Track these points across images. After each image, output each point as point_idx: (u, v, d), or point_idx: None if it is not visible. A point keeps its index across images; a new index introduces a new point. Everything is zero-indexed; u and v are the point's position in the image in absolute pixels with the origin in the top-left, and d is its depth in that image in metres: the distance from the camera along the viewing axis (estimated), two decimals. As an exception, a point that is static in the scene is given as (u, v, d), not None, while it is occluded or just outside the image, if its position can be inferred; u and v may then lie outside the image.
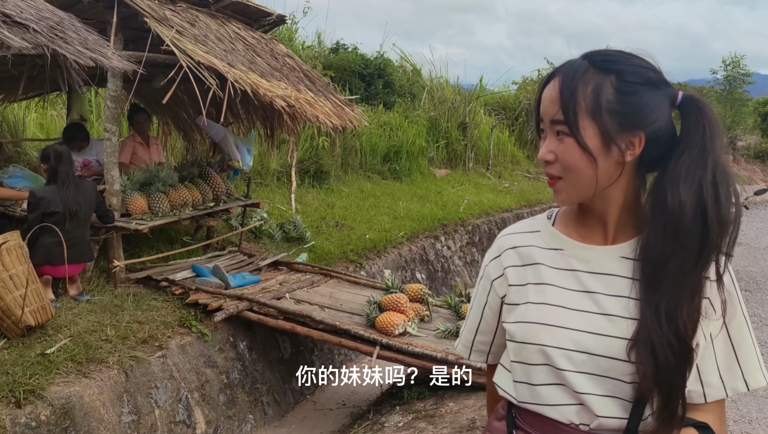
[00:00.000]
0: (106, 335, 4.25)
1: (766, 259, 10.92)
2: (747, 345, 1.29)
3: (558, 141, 1.25)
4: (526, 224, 1.46)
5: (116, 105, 4.86)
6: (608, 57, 1.25)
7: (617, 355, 1.24)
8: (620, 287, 1.28)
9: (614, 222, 1.32)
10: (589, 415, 1.28)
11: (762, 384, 1.29)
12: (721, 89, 23.13)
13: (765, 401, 5.05)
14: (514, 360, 1.37)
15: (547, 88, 1.27)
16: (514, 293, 1.38)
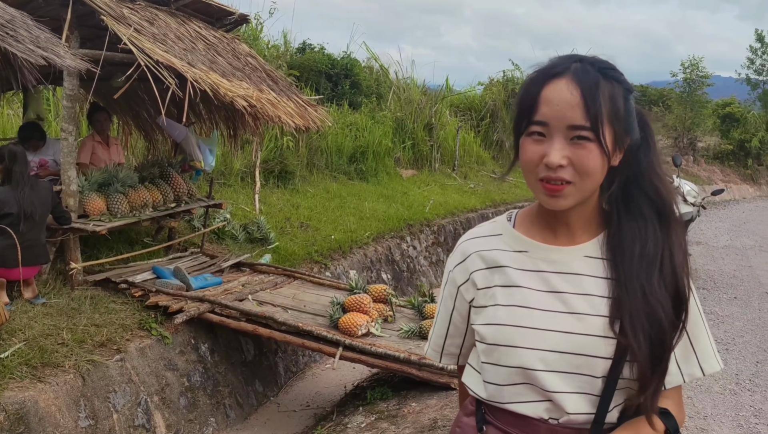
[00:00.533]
0: (63, 338, 4.16)
1: (724, 258, 11.15)
2: (701, 334, 1.37)
3: (575, 146, 1.25)
4: (487, 228, 1.48)
5: (73, 104, 4.77)
6: (607, 65, 1.30)
7: (587, 352, 1.29)
8: (586, 286, 1.33)
9: (578, 223, 1.37)
10: (558, 410, 1.32)
11: (716, 369, 1.39)
12: (681, 91, 23.57)
13: (720, 397, 5.15)
14: (485, 361, 1.39)
15: (557, 91, 1.25)
16: (481, 296, 1.41)
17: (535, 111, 1.27)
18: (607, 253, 1.34)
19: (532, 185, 1.31)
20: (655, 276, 1.28)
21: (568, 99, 1.24)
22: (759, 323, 7.36)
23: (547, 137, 1.26)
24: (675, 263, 1.30)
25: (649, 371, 1.27)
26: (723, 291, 8.75)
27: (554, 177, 1.26)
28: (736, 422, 4.73)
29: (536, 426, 1.34)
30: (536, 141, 1.27)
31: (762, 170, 24.35)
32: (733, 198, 21.16)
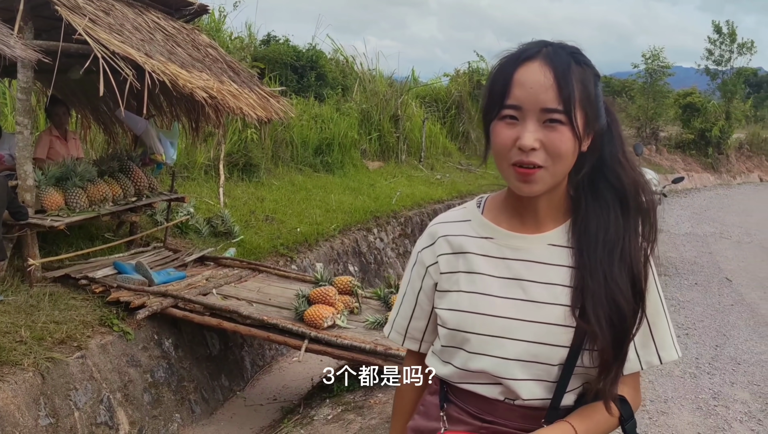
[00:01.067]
0: (21, 336, 4.08)
1: (685, 245, 11.37)
2: (662, 323, 1.39)
3: (547, 129, 1.24)
4: (457, 214, 1.48)
5: (27, 97, 4.65)
6: (575, 50, 1.30)
7: (546, 340, 1.31)
8: (549, 275, 1.34)
9: (546, 210, 1.37)
10: (513, 394, 1.35)
11: (674, 358, 1.41)
12: (643, 82, 23.91)
13: (680, 381, 5.25)
14: (446, 345, 1.40)
15: (529, 74, 1.25)
16: (445, 280, 1.42)
17: (507, 94, 1.26)
18: (572, 241, 1.35)
19: (505, 170, 1.30)
20: (615, 262, 1.30)
21: (542, 81, 1.23)
22: (718, 308, 7.53)
23: (519, 120, 1.25)
24: (633, 249, 1.31)
25: (611, 356, 1.29)
26: (684, 277, 8.92)
27: (527, 161, 1.25)
28: (696, 404, 4.84)
29: (494, 405, 1.36)
30: (509, 125, 1.27)
31: (722, 159, 24.87)
32: (694, 186, 21.58)
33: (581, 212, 1.35)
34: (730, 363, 5.78)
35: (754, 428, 4.57)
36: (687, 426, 4.48)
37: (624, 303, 1.28)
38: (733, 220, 14.80)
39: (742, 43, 24.53)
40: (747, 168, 26.46)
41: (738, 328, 6.81)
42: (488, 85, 1.33)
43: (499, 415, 1.37)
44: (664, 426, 4.42)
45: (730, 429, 4.50)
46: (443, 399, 1.45)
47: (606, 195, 1.34)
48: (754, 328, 6.88)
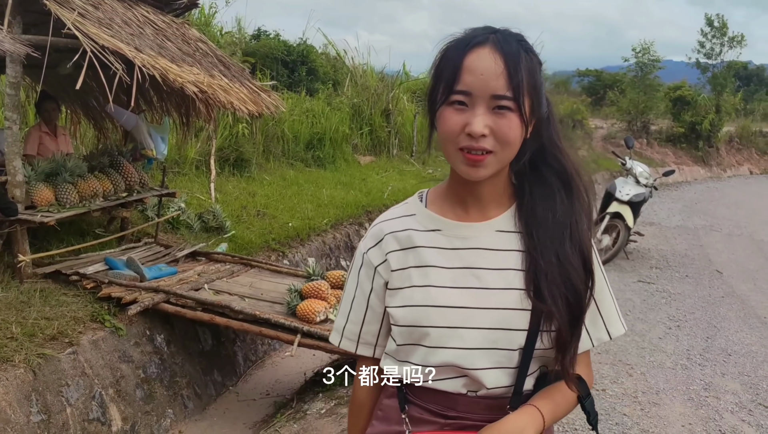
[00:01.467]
0: (12, 332, 4.05)
1: (676, 238, 11.42)
2: (607, 299, 1.43)
3: (496, 115, 1.25)
4: (400, 210, 1.48)
5: (16, 92, 4.62)
6: (523, 38, 1.32)
7: (504, 325, 1.32)
8: (500, 260, 1.35)
9: (490, 196, 1.39)
10: (477, 384, 1.34)
11: (621, 332, 1.46)
12: (634, 75, 23.95)
13: (672, 372, 5.28)
14: (402, 343, 1.39)
15: (480, 60, 1.25)
16: (396, 277, 1.40)
17: (457, 80, 1.26)
18: (519, 225, 1.37)
19: (452, 155, 1.30)
20: (566, 241, 1.33)
21: (492, 68, 1.24)
22: (709, 300, 7.57)
23: (469, 106, 1.26)
24: (581, 229, 1.35)
25: (569, 335, 1.31)
26: (675, 270, 8.96)
27: (476, 147, 1.26)
28: (687, 396, 4.86)
29: (456, 400, 1.36)
30: (458, 110, 1.27)
31: (712, 152, 24.97)
32: (685, 180, 21.67)
33: (526, 196, 1.38)
34: (721, 354, 5.81)
35: (745, 418, 4.60)
36: (678, 416, 4.50)
37: (578, 281, 1.31)
38: (723, 213, 14.88)
39: (732, 36, 24.60)
40: (737, 161, 26.59)
41: (729, 320, 6.86)
42: (435, 70, 1.33)
43: (462, 409, 1.36)
44: (656, 417, 4.45)
45: (721, 419, 4.53)
46: (403, 401, 1.43)
47: (550, 179, 1.37)
48: (744, 320, 6.92)
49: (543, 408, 1.33)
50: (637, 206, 8.87)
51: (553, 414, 1.34)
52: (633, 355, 5.55)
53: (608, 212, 8.71)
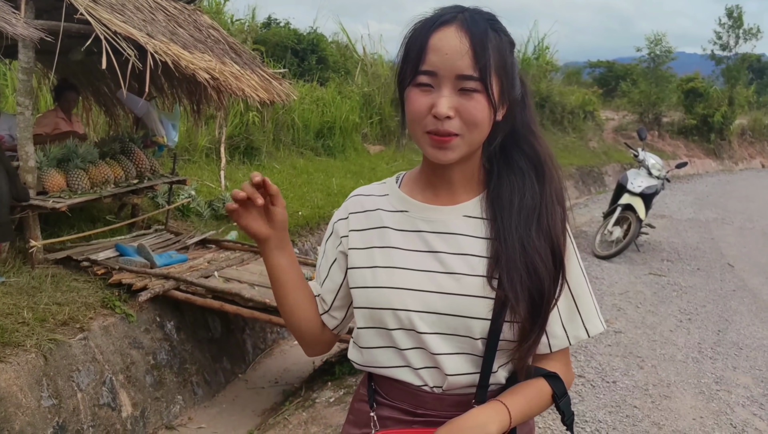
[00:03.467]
0: (23, 318, 4.07)
1: (687, 231, 11.35)
2: (585, 296, 1.38)
3: (463, 97, 1.22)
4: (375, 188, 1.47)
5: (28, 77, 4.61)
6: (493, 17, 1.27)
7: (464, 312, 1.28)
8: (465, 246, 1.32)
9: (460, 181, 1.35)
10: (440, 377, 1.32)
11: (600, 330, 1.40)
12: (646, 66, 23.75)
13: (683, 365, 5.25)
14: (363, 327, 1.37)
15: (445, 39, 1.21)
16: (356, 256, 1.39)
17: (422, 60, 1.23)
18: (486, 211, 1.34)
19: (419, 138, 1.28)
20: (533, 227, 1.29)
21: (458, 47, 1.20)
22: (720, 293, 7.52)
23: (435, 87, 1.23)
24: (551, 216, 1.31)
25: (528, 323, 1.27)
26: (686, 263, 8.91)
27: (442, 129, 1.22)
28: (698, 389, 4.84)
29: (423, 397, 1.34)
30: (424, 91, 1.24)
31: (724, 145, 24.78)
32: (696, 172, 21.53)
33: (494, 180, 1.34)
34: (733, 347, 5.78)
35: (756, 412, 4.57)
36: (689, 410, 4.48)
37: (543, 269, 1.27)
38: (735, 206, 14.77)
39: (748, 29, 24.31)
40: (749, 154, 26.40)
41: (740, 313, 6.81)
42: (402, 50, 1.30)
43: (430, 406, 1.34)
44: (667, 410, 4.42)
45: (732, 413, 4.50)
46: (372, 398, 1.42)
47: (520, 163, 1.34)
48: (756, 313, 6.87)
49: (510, 404, 1.27)
50: (649, 198, 8.80)
51: (522, 411, 1.29)
52: (644, 348, 5.52)
53: (620, 204, 8.65)
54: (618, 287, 7.29)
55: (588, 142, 19.76)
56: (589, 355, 5.21)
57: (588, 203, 13.97)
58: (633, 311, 6.49)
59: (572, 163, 16.47)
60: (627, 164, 16.91)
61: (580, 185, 16.14)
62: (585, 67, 30.44)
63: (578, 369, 4.93)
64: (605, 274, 7.77)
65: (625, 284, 7.42)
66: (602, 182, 17.23)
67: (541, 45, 18.98)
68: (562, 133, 19.07)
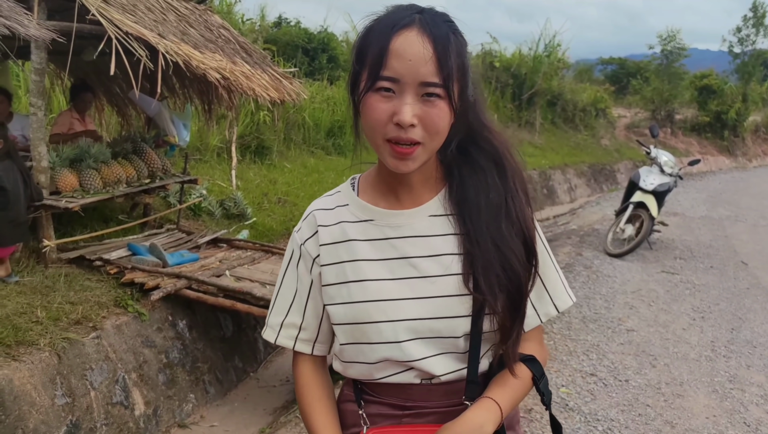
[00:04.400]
0: (37, 317, 4.10)
1: (700, 228, 11.27)
2: (551, 273, 1.38)
3: (425, 104, 1.19)
4: (333, 199, 1.41)
5: (41, 78, 4.65)
6: (448, 17, 1.25)
7: (445, 313, 1.27)
8: (435, 246, 1.30)
9: (420, 182, 1.33)
10: (428, 374, 1.31)
11: (569, 304, 1.40)
12: (659, 63, 23.61)
13: (696, 364, 5.22)
14: (345, 343, 1.34)
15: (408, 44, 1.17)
16: (328, 272, 1.35)
17: (383, 65, 1.17)
18: (451, 208, 1.32)
19: (379, 146, 1.24)
20: (503, 224, 1.28)
21: (421, 53, 1.16)
22: (734, 291, 7.47)
23: (396, 93, 1.18)
24: (518, 208, 1.29)
25: (509, 321, 1.27)
26: (699, 261, 8.84)
27: (405, 138, 1.19)
28: (711, 387, 4.81)
29: (411, 390, 1.33)
30: (384, 97, 1.19)
31: (738, 142, 24.60)
32: (709, 169, 21.38)
33: (455, 179, 1.32)
34: (747, 346, 5.73)
35: (770, 411, 4.54)
36: (703, 408, 4.45)
37: (518, 265, 1.26)
38: (749, 203, 14.66)
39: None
40: (763, 151, 26.19)
41: (754, 311, 6.76)
42: (358, 52, 1.24)
43: (419, 398, 1.33)
44: (680, 409, 4.40)
45: (746, 411, 4.47)
46: (359, 398, 1.40)
47: (479, 160, 1.32)
48: (770, 311, 6.83)
49: (499, 397, 1.28)
50: (662, 196, 8.74)
51: (509, 401, 1.30)
52: (656, 346, 5.49)
53: (632, 201, 8.60)
54: (630, 285, 7.25)
55: (600, 139, 19.67)
56: (602, 354, 5.19)
57: (600, 201, 13.91)
58: (645, 310, 6.46)
59: (584, 160, 16.40)
60: (639, 162, 16.83)
61: (592, 183, 16.07)
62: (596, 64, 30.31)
63: (590, 367, 4.92)
64: (617, 272, 7.73)
65: (637, 283, 7.38)
66: (614, 180, 17.15)
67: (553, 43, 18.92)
68: (573, 131, 19.00)
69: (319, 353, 1.44)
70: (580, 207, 13.01)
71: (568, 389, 4.49)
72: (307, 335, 1.42)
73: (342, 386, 1.48)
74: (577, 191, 15.03)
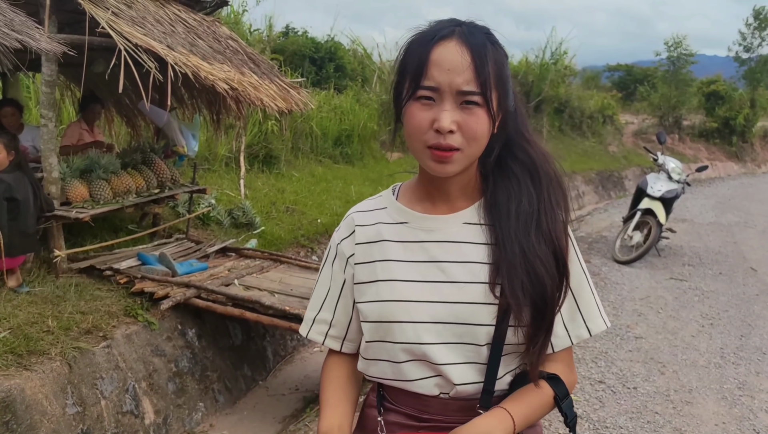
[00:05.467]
0: (48, 326, 4.14)
1: (709, 235, 11.23)
2: (586, 294, 1.38)
3: (464, 111, 1.23)
4: (373, 203, 1.47)
5: (52, 90, 4.70)
6: (487, 30, 1.29)
7: (469, 320, 1.29)
8: (465, 253, 1.32)
9: (457, 191, 1.36)
10: (448, 384, 1.32)
11: (602, 329, 1.39)
12: (666, 70, 23.58)
13: (705, 370, 5.21)
14: (371, 340, 1.37)
15: (447, 54, 1.22)
16: (360, 271, 1.39)
17: (423, 74, 1.23)
18: (485, 217, 1.34)
19: (420, 152, 1.28)
20: (532, 233, 1.29)
21: (459, 62, 1.21)
22: (743, 298, 7.44)
23: (436, 101, 1.23)
24: (550, 219, 1.31)
25: (532, 329, 1.28)
26: (708, 267, 8.82)
27: (444, 144, 1.23)
28: (720, 394, 4.79)
29: (428, 402, 1.35)
30: (425, 105, 1.24)
31: (746, 147, 24.51)
32: (718, 176, 21.31)
33: (491, 188, 1.35)
34: (756, 352, 5.71)
35: (781, 418, 4.52)
36: (712, 415, 4.44)
37: (544, 274, 1.27)
38: (758, 209, 14.60)
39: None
40: (772, 157, 26.07)
41: (763, 318, 6.73)
42: (400, 64, 1.30)
43: (435, 411, 1.35)
44: (689, 416, 4.39)
45: (756, 418, 4.46)
46: (380, 403, 1.43)
47: (514, 169, 1.34)
48: (779, 318, 6.80)
49: (513, 410, 1.29)
50: (670, 203, 8.73)
51: (525, 416, 1.30)
52: (665, 353, 5.48)
53: (639, 208, 8.60)
54: (639, 292, 7.24)
55: (607, 146, 19.64)
56: (610, 361, 5.18)
57: (608, 208, 13.88)
58: (654, 317, 6.44)
59: (592, 167, 16.38)
60: (647, 168, 16.79)
61: (599, 190, 16.04)
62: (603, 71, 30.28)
63: (599, 374, 4.91)
64: (626, 279, 7.72)
65: (645, 289, 7.37)
66: (622, 187, 17.12)
67: (559, 50, 18.94)
68: (581, 138, 18.98)
69: (348, 350, 1.48)
70: (588, 214, 12.99)
71: (576, 396, 4.49)
72: (336, 332, 1.47)
73: (368, 392, 1.51)
74: (585, 198, 15.01)
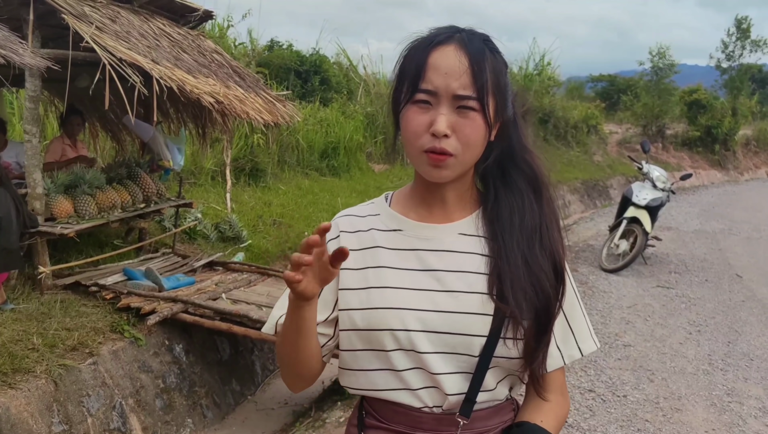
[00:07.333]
0: (33, 344, 4.09)
1: (694, 242, 11.31)
2: (578, 315, 1.38)
3: (460, 115, 1.23)
4: (366, 208, 1.45)
5: (35, 105, 4.67)
6: (488, 37, 1.29)
7: (463, 330, 1.27)
8: (462, 263, 1.31)
9: (453, 199, 1.36)
10: (440, 396, 1.30)
11: (593, 349, 1.40)
12: (649, 80, 23.79)
13: (693, 377, 5.22)
14: (361, 349, 1.34)
15: (445, 58, 1.23)
16: (348, 277, 1.35)
17: (421, 78, 1.23)
18: (483, 229, 1.34)
19: (416, 156, 1.28)
20: (536, 246, 1.30)
21: (456, 66, 1.21)
22: (729, 304, 7.49)
23: (433, 105, 1.23)
24: (551, 235, 1.32)
25: (533, 340, 1.27)
26: (694, 274, 8.87)
27: (439, 148, 1.23)
28: (709, 401, 4.81)
29: (420, 418, 1.32)
30: (422, 109, 1.24)
31: (729, 156, 24.74)
32: (702, 184, 21.49)
33: (491, 200, 1.34)
34: (743, 359, 5.74)
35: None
36: (701, 422, 4.45)
37: (547, 286, 1.27)
38: (741, 216, 14.73)
39: (756, 40, 24.27)
40: (754, 164, 26.35)
41: (750, 324, 6.78)
42: (399, 68, 1.30)
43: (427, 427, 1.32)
44: (678, 423, 4.40)
45: (745, 424, 4.47)
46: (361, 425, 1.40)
47: (518, 183, 1.34)
48: (766, 323, 6.84)
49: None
50: (655, 211, 8.79)
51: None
52: (654, 361, 5.50)
53: (625, 217, 8.64)
54: (626, 300, 7.27)
55: (592, 156, 19.77)
56: (599, 369, 5.19)
57: (593, 217, 13.95)
58: (642, 324, 6.47)
59: (577, 177, 16.47)
60: (632, 177, 16.89)
61: (585, 199, 16.13)
62: (587, 81, 30.51)
63: (588, 383, 4.91)
64: (613, 287, 7.75)
65: (633, 298, 7.40)
66: (607, 196, 17.22)
67: (543, 61, 19.07)
68: (566, 147, 19.10)
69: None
70: (574, 223, 13.04)
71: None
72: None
73: (353, 409, 1.48)
74: (570, 208, 15.08)
